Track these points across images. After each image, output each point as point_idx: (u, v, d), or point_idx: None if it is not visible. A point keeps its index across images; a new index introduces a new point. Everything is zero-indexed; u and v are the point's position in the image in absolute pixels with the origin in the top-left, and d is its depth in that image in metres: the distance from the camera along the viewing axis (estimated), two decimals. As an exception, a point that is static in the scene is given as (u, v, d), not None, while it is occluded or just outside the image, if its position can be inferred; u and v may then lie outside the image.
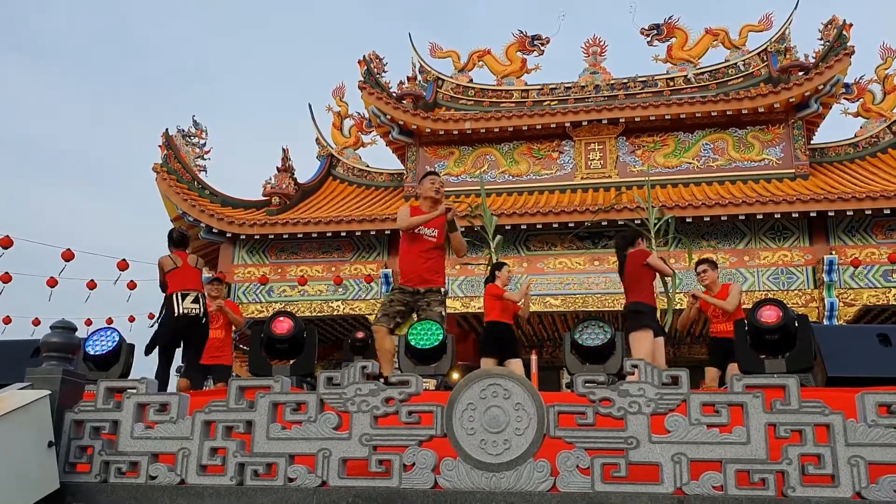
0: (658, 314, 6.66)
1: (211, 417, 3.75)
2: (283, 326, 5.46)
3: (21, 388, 3.81)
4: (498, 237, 10.47)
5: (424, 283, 5.62)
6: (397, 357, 5.71)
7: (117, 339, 5.50)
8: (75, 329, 4.18)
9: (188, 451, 3.70)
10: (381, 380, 3.81)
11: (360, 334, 10.56)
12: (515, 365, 7.01)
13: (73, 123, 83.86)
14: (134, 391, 3.93)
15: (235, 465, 3.64)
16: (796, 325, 5.14)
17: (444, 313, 5.63)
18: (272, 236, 15.80)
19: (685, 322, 7.39)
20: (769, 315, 5.03)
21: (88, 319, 14.36)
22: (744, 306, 7.04)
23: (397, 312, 5.56)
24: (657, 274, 6.61)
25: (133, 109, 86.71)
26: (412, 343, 5.23)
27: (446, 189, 16.44)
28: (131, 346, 5.79)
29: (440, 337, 5.28)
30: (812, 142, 16.87)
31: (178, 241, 6.91)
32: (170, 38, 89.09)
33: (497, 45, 19.05)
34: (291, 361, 5.78)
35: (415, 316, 5.69)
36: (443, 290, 5.67)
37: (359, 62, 17.87)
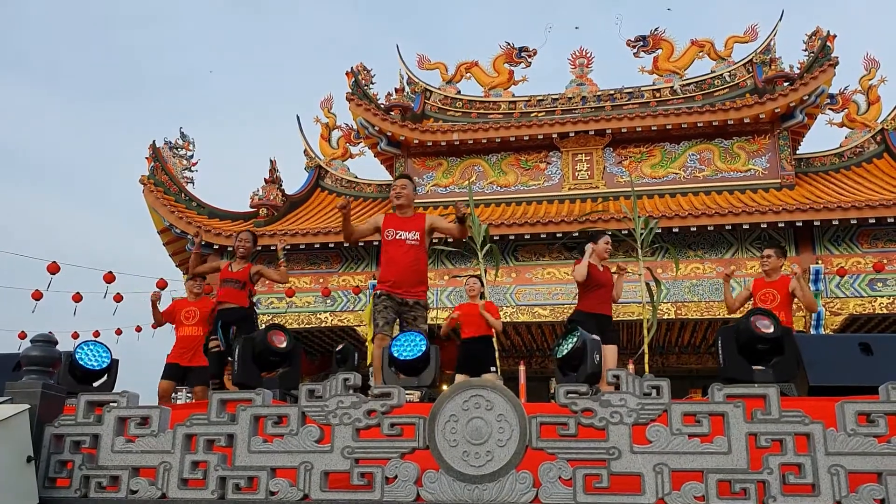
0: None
1: (192, 431, 3.72)
2: (280, 339, 5.46)
3: (0, 403, 3.78)
4: (489, 245, 10.46)
5: (411, 294, 5.61)
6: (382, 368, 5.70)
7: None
8: (56, 342, 4.14)
9: (169, 465, 3.67)
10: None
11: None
12: (491, 377, 7.08)
13: (51, 132, 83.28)
14: (115, 405, 3.89)
15: (217, 478, 3.61)
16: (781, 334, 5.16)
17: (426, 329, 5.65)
18: (259, 248, 15.74)
19: (736, 304, 7.26)
20: (766, 324, 5.05)
21: (75, 332, 14.27)
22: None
23: (392, 320, 5.56)
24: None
25: (114, 118, 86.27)
26: (395, 354, 5.20)
27: (434, 200, 16.81)
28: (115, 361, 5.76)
29: (423, 348, 5.26)
30: (797, 152, 17.01)
31: None
32: (152, 46, 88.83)
33: (485, 56, 19.17)
34: (279, 372, 5.76)
35: (397, 327, 5.71)
36: (427, 304, 5.70)
37: (347, 74, 17.92)
